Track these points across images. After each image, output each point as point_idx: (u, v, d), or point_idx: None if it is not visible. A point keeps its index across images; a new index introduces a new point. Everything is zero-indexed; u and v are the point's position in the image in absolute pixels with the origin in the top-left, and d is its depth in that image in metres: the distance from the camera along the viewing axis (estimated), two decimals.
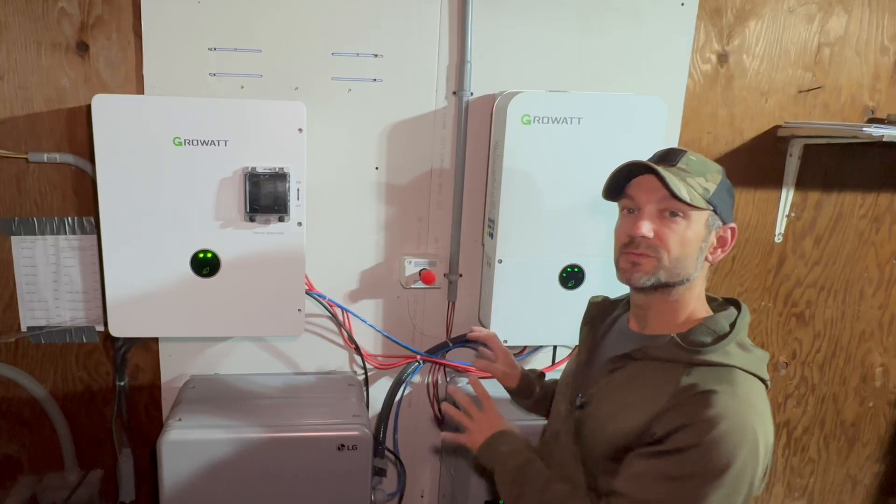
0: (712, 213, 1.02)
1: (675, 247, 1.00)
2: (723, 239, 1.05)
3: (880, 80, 1.78)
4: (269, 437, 1.41)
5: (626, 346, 1.08)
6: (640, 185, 1.04)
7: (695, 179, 1.01)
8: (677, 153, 1.05)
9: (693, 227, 1.01)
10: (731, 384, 0.94)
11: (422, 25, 1.56)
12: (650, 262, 1.01)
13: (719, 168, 1.06)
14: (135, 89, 1.50)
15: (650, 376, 1.00)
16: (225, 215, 1.43)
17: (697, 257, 1.02)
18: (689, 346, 0.98)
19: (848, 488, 2.12)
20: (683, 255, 1.01)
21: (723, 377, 0.94)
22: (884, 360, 2.01)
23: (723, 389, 0.92)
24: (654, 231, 1.00)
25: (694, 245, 1.01)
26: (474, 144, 1.63)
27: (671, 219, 1.00)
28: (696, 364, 0.97)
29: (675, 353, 0.99)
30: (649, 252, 1.01)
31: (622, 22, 1.62)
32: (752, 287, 1.88)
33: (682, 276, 1.02)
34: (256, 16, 1.50)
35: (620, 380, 1.05)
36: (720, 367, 0.96)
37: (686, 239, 1.00)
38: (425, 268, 1.65)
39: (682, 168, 1.02)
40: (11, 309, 1.60)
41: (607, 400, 1.05)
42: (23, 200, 1.54)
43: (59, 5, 1.44)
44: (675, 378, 0.96)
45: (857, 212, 1.87)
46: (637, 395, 1.00)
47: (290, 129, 1.41)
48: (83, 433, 1.71)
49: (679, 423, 0.92)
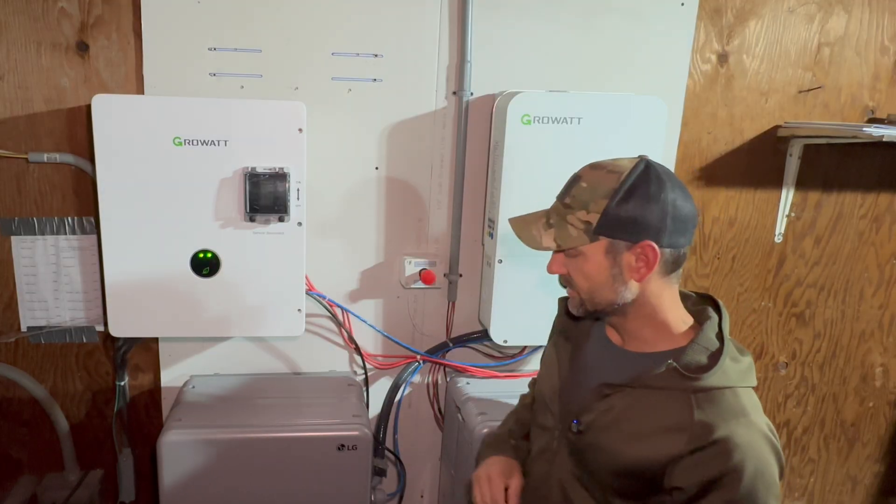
0: (608, 239, 0.98)
1: (581, 282, 1.02)
2: (642, 257, 0.99)
3: (880, 80, 1.78)
4: (269, 437, 1.41)
5: (615, 367, 1.06)
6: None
7: (575, 215, 1.00)
8: (571, 184, 1.03)
9: (591, 261, 1.00)
10: (741, 415, 0.94)
11: (422, 25, 1.56)
12: (573, 294, 1.06)
13: (609, 190, 0.98)
14: (135, 89, 1.50)
15: (655, 404, 0.98)
16: (225, 215, 1.43)
17: (613, 284, 1.00)
18: (689, 372, 0.96)
19: (848, 488, 2.12)
20: (594, 287, 1.01)
21: (732, 410, 0.94)
22: (884, 360, 2.01)
23: (737, 428, 0.92)
24: (565, 267, 1.04)
25: (600, 276, 1.00)
26: (474, 144, 1.63)
27: (570, 259, 1.03)
28: (699, 390, 0.95)
29: (678, 383, 0.97)
30: (570, 286, 1.06)
31: (622, 22, 1.62)
32: (753, 287, 1.88)
33: (606, 304, 1.02)
34: (256, 16, 1.50)
35: (621, 407, 1.02)
36: (724, 390, 0.96)
37: (588, 273, 1.01)
38: (425, 268, 1.65)
39: (567, 204, 1.02)
40: (11, 309, 1.60)
41: (611, 429, 1.02)
42: (23, 200, 1.54)
43: (59, 5, 1.44)
44: (687, 411, 0.95)
45: (857, 212, 1.87)
46: (645, 424, 0.98)
47: (290, 129, 1.41)
48: (83, 433, 1.71)
49: (709, 476, 0.91)
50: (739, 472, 0.90)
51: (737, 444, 0.91)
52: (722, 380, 0.96)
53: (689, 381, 0.96)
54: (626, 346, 1.08)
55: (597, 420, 1.05)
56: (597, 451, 1.04)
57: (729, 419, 0.93)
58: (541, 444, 1.17)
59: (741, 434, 0.92)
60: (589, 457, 1.06)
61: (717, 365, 0.97)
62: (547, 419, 1.17)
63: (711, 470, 0.91)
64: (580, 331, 1.18)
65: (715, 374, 0.96)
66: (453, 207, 1.66)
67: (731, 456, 0.91)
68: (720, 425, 0.92)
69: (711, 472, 0.91)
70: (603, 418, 1.04)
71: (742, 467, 0.90)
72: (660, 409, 0.98)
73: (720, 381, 0.96)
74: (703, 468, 0.92)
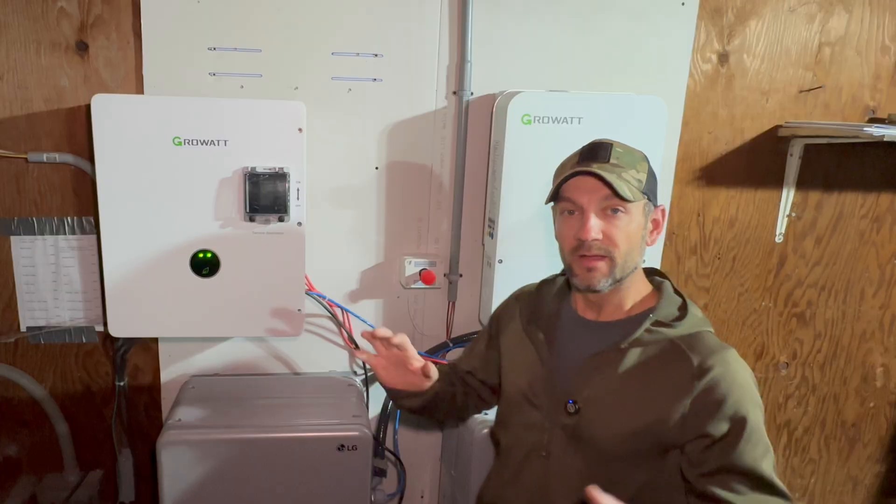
0: (647, 200, 1.07)
1: (622, 243, 1.04)
2: (656, 221, 1.12)
3: (881, 79, 1.78)
4: (269, 437, 1.40)
5: (598, 338, 1.10)
6: (578, 187, 1.05)
7: (628, 173, 1.04)
8: (606, 147, 1.06)
9: (634, 220, 1.05)
10: (723, 349, 1.04)
11: (422, 25, 1.56)
12: (604, 263, 1.04)
13: (643, 154, 1.10)
14: (134, 89, 1.50)
15: (650, 361, 1.04)
16: (225, 215, 1.43)
17: (641, 246, 1.08)
18: (671, 322, 1.06)
19: (849, 489, 2.12)
20: (631, 249, 1.05)
21: (715, 345, 1.04)
22: (884, 360, 2.01)
23: (725, 364, 1.01)
24: (602, 231, 1.04)
25: (637, 236, 1.06)
26: (474, 144, 1.62)
27: (614, 216, 1.04)
28: (683, 337, 1.04)
29: (663, 335, 1.05)
30: (601, 253, 1.04)
31: (622, 21, 1.62)
32: (753, 287, 1.88)
33: (631, 268, 1.07)
34: (256, 16, 1.49)
35: (616, 374, 1.05)
36: (701, 332, 1.06)
37: (630, 233, 1.05)
38: (425, 268, 1.65)
39: (615, 163, 1.05)
40: (11, 309, 1.60)
41: (611, 398, 1.05)
42: (22, 200, 1.54)
43: (58, 5, 1.44)
44: (684, 357, 1.02)
45: (858, 212, 1.87)
46: (647, 383, 1.03)
47: (290, 129, 1.41)
48: (83, 433, 1.71)
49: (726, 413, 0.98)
50: (739, 394, 0.99)
51: (732, 372, 1.00)
52: (697, 324, 1.07)
53: (673, 330, 1.05)
54: (601, 318, 1.13)
55: (593, 394, 1.06)
56: (599, 426, 1.05)
57: (717, 352, 1.02)
58: (528, 445, 1.14)
59: (731, 362, 1.02)
60: (590, 434, 1.06)
61: (689, 313, 1.08)
62: (530, 415, 1.14)
63: (725, 409, 0.98)
64: (549, 316, 1.19)
65: (689, 321, 1.07)
66: (453, 207, 1.66)
67: (732, 382, 0.99)
68: (714, 360, 1.01)
69: (726, 411, 0.98)
70: (600, 390, 1.06)
71: (739, 390, 0.99)
72: (656, 363, 1.04)
73: (697, 326, 1.07)
74: (716, 409, 0.98)
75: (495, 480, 1.24)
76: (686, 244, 1.82)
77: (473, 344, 1.41)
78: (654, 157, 1.53)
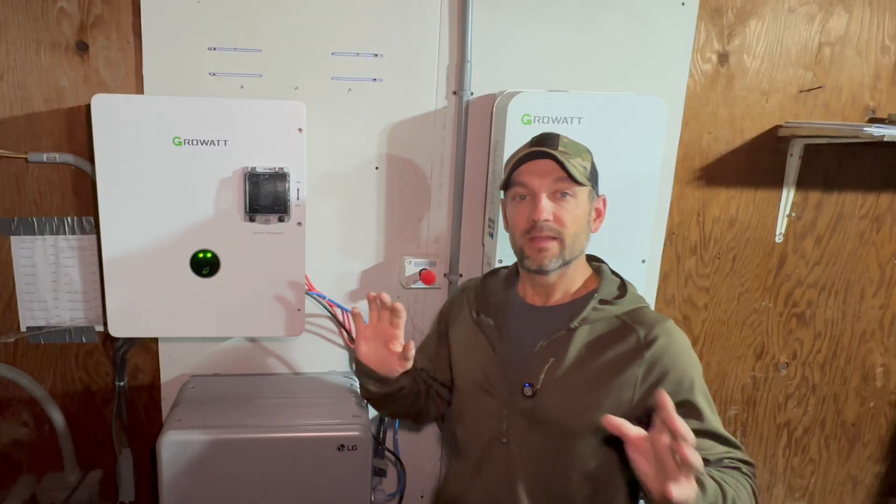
0: (592, 188, 1.15)
1: (571, 224, 1.10)
2: (598, 210, 1.19)
3: (881, 79, 1.78)
4: (269, 437, 1.40)
5: (547, 323, 1.15)
6: (530, 172, 1.12)
7: (575, 160, 1.11)
8: (554, 137, 1.13)
9: (581, 205, 1.12)
10: (662, 319, 1.12)
11: (422, 25, 1.56)
12: (555, 244, 1.11)
13: (587, 147, 1.17)
14: (134, 89, 1.50)
15: (599, 340, 1.11)
16: (225, 215, 1.43)
17: (587, 231, 1.15)
18: (613, 300, 1.14)
19: (849, 489, 2.12)
20: (578, 231, 1.12)
21: (655, 317, 1.12)
22: (884, 360, 2.01)
23: (668, 334, 1.09)
24: (552, 213, 1.10)
25: (584, 220, 1.13)
26: (474, 144, 1.62)
27: (563, 199, 1.11)
28: (627, 313, 1.12)
29: (608, 313, 1.12)
30: (552, 234, 1.10)
31: (622, 21, 1.62)
32: (753, 287, 1.88)
33: (578, 251, 1.14)
34: (256, 16, 1.49)
35: (572, 353, 1.11)
36: (641, 307, 1.14)
37: (577, 216, 1.11)
38: (425, 268, 1.65)
39: (563, 151, 1.11)
40: (11, 309, 1.60)
41: (568, 376, 1.10)
42: (22, 200, 1.54)
43: (58, 5, 1.44)
44: (630, 331, 1.10)
45: (858, 212, 1.87)
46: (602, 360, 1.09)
47: (290, 129, 1.41)
48: (83, 433, 1.71)
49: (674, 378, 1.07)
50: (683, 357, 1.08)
51: (675, 341, 1.09)
52: (637, 300, 1.15)
53: (616, 307, 1.13)
54: (549, 303, 1.18)
55: (548, 375, 1.10)
56: (557, 406, 1.10)
57: (659, 323, 1.10)
58: (487, 434, 1.16)
59: (673, 331, 1.10)
60: (549, 414, 1.10)
61: (629, 291, 1.16)
62: (487, 404, 1.16)
63: (667, 368, 1.07)
64: (497, 305, 1.23)
65: (630, 298, 1.15)
66: (453, 207, 1.66)
67: (674, 347, 1.08)
68: (658, 331, 1.09)
69: (667, 370, 1.06)
70: (554, 371, 1.11)
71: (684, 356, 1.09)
72: (605, 339, 1.11)
73: (637, 302, 1.15)
74: (661, 370, 1.06)
75: (455, 476, 1.25)
76: (686, 244, 1.82)
77: (423, 344, 1.42)
78: (654, 157, 1.54)
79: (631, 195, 1.54)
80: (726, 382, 1.95)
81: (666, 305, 1.85)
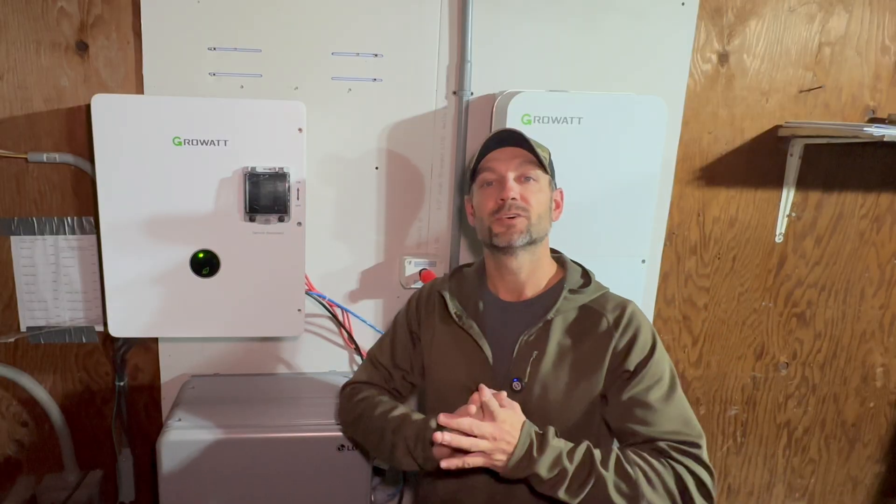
0: (551, 179, 1.24)
1: (536, 204, 1.18)
2: (557, 202, 1.27)
3: (881, 79, 1.78)
4: (269, 437, 1.40)
5: (523, 317, 1.21)
6: (497, 159, 1.20)
7: (538, 149, 1.19)
8: (518, 134, 1.18)
9: (543, 189, 1.20)
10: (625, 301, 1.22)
11: (422, 25, 1.56)
12: (521, 220, 1.16)
13: (544, 143, 1.25)
14: (134, 89, 1.50)
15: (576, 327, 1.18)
16: (225, 215, 1.43)
17: (549, 215, 1.22)
18: (579, 289, 1.21)
19: (849, 489, 2.12)
20: (543, 212, 1.19)
21: (619, 300, 1.22)
22: (884, 360, 2.01)
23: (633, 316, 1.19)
24: (519, 193, 1.17)
25: (546, 204, 1.21)
26: (474, 144, 1.62)
27: (527, 183, 1.19)
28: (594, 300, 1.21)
29: (578, 301, 1.20)
30: (520, 212, 1.16)
31: (623, 21, 1.62)
32: (753, 287, 1.88)
33: (543, 232, 1.21)
34: (256, 16, 1.49)
35: (552, 344, 1.17)
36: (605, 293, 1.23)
37: (540, 199, 1.19)
38: (425, 268, 1.65)
39: (527, 140, 1.18)
40: (11, 309, 1.60)
41: (552, 366, 1.16)
42: (22, 200, 1.54)
43: (58, 5, 1.44)
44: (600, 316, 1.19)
45: (858, 212, 1.87)
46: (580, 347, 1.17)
47: (290, 129, 1.41)
48: (83, 433, 1.71)
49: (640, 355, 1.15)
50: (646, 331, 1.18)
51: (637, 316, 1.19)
52: (600, 287, 1.23)
53: (583, 295, 1.20)
54: (522, 298, 1.24)
55: (534, 368, 1.16)
56: (546, 397, 1.15)
57: (625, 306, 1.20)
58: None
59: (637, 313, 1.20)
60: (538, 406, 1.14)
61: (593, 279, 1.24)
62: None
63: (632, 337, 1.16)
64: (473, 305, 1.26)
65: (594, 286, 1.23)
66: (453, 207, 1.66)
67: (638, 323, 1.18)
68: (625, 311, 1.19)
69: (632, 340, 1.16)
70: (539, 363, 1.16)
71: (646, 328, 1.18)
72: (579, 326, 1.19)
73: (601, 289, 1.23)
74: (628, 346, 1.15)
75: (445, 479, 1.23)
76: (686, 244, 1.82)
77: (393, 346, 1.37)
78: (654, 157, 1.55)
79: (631, 195, 1.54)
80: (726, 382, 1.95)
81: (666, 305, 1.85)
